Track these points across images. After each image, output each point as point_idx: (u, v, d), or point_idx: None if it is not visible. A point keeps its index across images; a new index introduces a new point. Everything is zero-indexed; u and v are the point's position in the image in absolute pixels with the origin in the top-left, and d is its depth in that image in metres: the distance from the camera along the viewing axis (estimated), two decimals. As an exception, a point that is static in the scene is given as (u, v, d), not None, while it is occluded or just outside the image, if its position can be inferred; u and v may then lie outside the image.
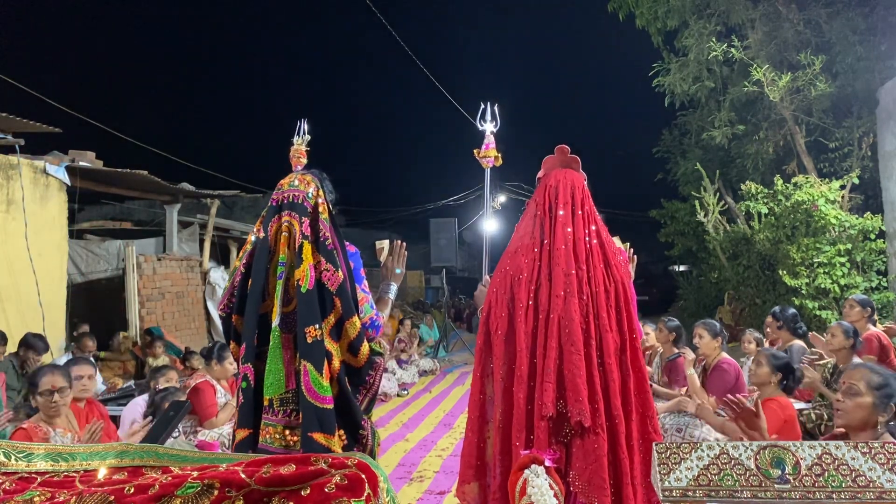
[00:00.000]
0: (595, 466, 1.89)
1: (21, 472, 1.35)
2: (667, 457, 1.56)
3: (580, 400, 1.91)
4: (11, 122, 6.09)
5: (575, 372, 1.93)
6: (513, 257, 2.20)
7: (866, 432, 2.29)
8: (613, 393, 1.97)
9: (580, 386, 1.92)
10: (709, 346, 4.14)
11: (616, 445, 1.95)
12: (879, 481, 1.47)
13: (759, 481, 1.50)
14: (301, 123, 3.39)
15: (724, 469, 1.52)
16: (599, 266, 2.08)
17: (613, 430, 1.95)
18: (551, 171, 2.30)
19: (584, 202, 2.19)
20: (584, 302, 2.02)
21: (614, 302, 2.06)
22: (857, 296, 4.95)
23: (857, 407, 2.29)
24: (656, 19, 11.16)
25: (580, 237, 2.11)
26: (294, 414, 1.84)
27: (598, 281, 2.05)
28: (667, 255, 14.36)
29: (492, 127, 2.99)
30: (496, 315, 2.14)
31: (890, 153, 8.23)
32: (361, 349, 1.93)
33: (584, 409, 1.90)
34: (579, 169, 2.32)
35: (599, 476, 1.88)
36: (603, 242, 2.14)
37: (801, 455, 1.52)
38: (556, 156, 2.35)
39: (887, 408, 2.25)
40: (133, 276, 7.99)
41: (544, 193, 2.23)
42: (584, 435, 1.92)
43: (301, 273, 1.86)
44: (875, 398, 2.26)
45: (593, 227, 2.15)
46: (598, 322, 2.01)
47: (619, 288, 2.07)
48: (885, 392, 2.27)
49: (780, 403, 3.21)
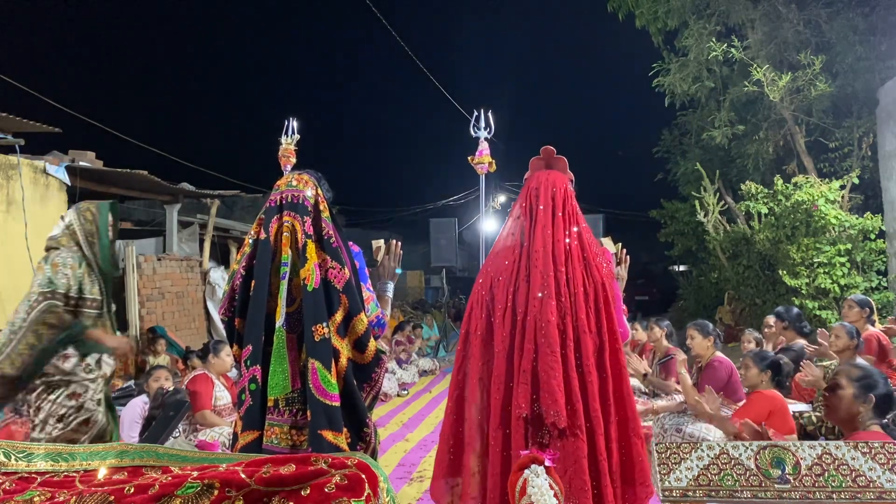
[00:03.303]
0: (575, 468, 1.89)
1: (21, 472, 1.36)
2: (667, 457, 1.56)
3: (555, 401, 1.91)
4: (11, 122, 6.09)
5: (550, 373, 1.93)
6: (495, 258, 2.22)
7: (851, 424, 2.39)
8: (591, 395, 1.96)
9: (555, 387, 1.92)
10: (701, 345, 4.19)
11: (595, 447, 1.94)
12: (879, 481, 1.47)
13: (759, 481, 1.50)
14: (289, 122, 3.38)
15: (724, 469, 1.52)
16: (579, 267, 2.08)
17: (592, 432, 1.95)
18: (535, 173, 2.31)
19: (565, 203, 2.19)
20: (563, 303, 2.02)
21: (593, 303, 2.05)
22: (855, 296, 4.95)
23: (838, 399, 2.43)
24: (656, 19, 11.16)
25: (559, 238, 2.11)
26: (300, 413, 1.84)
27: (577, 282, 2.05)
28: (667, 255, 14.34)
29: (485, 134, 3.00)
30: (476, 315, 2.16)
31: (890, 153, 8.23)
32: (369, 346, 1.93)
33: (559, 411, 1.90)
34: (565, 170, 2.32)
35: (580, 478, 1.88)
36: (584, 244, 2.14)
37: (801, 455, 1.53)
38: (540, 157, 2.36)
39: (867, 398, 2.36)
40: (133, 276, 7.99)
41: (526, 195, 2.25)
42: (564, 437, 1.92)
43: (307, 272, 1.87)
44: (855, 389, 2.39)
45: (574, 229, 2.15)
46: (577, 324, 2.01)
47: (598, 289, 2.07)
48: (864, 383, 2.40)
49: (766, 396, 3.31)
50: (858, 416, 2.36)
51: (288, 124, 3.38)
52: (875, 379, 2.44)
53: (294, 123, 3.38)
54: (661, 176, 13.75)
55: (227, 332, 2.06)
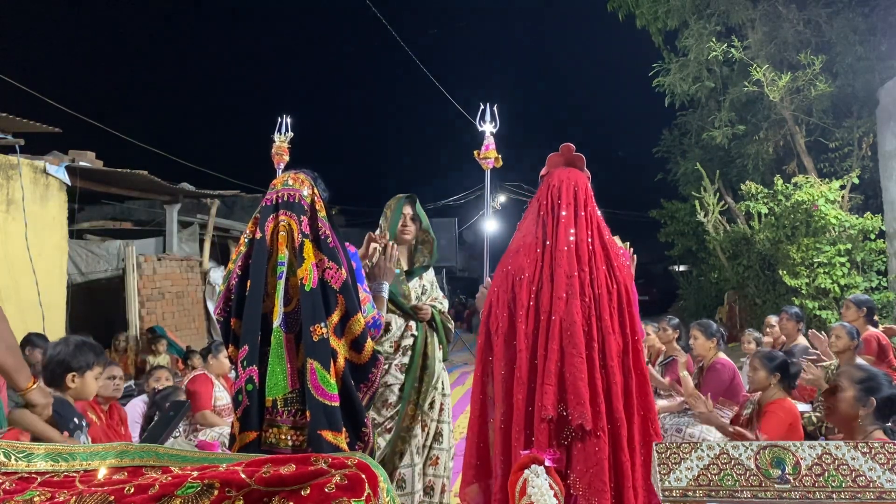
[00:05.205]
0: (596, 469, 1.88)
1: (21, 472, 1.35)
2: (667, 457, 1.56)
3: (581, 403, 1.89)
4: (11, 122, 6.09)
5: (577, 375, 1.92)
6: (514, 256, 2.18)
7: (851, 426, 2.36)
8: (616, 396, 1.95)
9: (582, 389, 1.90)
10: (704, 346, 4.12)
11: (618, 448, 1.93)
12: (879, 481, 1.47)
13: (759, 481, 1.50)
14: (282, 120, 3.36)
15: (724, 469, 1.52)
16: (602, 268, 2.06)
17: (615, 433, 1.93)
18: (555, 170, 2.27)
19: (587, 202, 2.16)
20: (587, 304, 2.00)
21: (617, 304, 2.04)
22: (854, 296, 4.95)
23: (839, 401, 2.40)
24: (656, 19, 11.17)
25: (583, 239, 2.09)
26: (299, 414, 1.84)
27: (601, 283, 2.03)
28: (667, 255, 14.36)
29: (491, 128, 2.98)
30: (497, 315, 2.13)
31: (890, 153, 8.23)
32: (366, 346, 1.93)
33: (585, 413, 1.88)
34: (583, 167, 2.29)
35: (600, 479, 1.87)
36: (605, 244, 2.12)
37: (801, 455, 1.53)
38: (560, 153, 2.32)
39: (868, 401, 2.33)
40: (133, 276, 7.99)
41: (547, 193, 2.20)
42: (585, 438, 1.90)
43: (304, 272, 1.86)
44: (856, 391, 2.36)
45: (596, 229, 2.13)
46: (601, 324, 1.99)
47: (621, 290, 2.05)
48: (865, 386, 2.36)
49: (785, 408, 3.17)
50: (858, 419, 2.33)
51: (281, 122, 3.36)
52: (878, 382, 2.38)
53: (287, 121, 3.36)
54: (661, 176, 13.75)
55: (222, 332, 2.05)
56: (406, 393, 2.95)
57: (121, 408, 3.77)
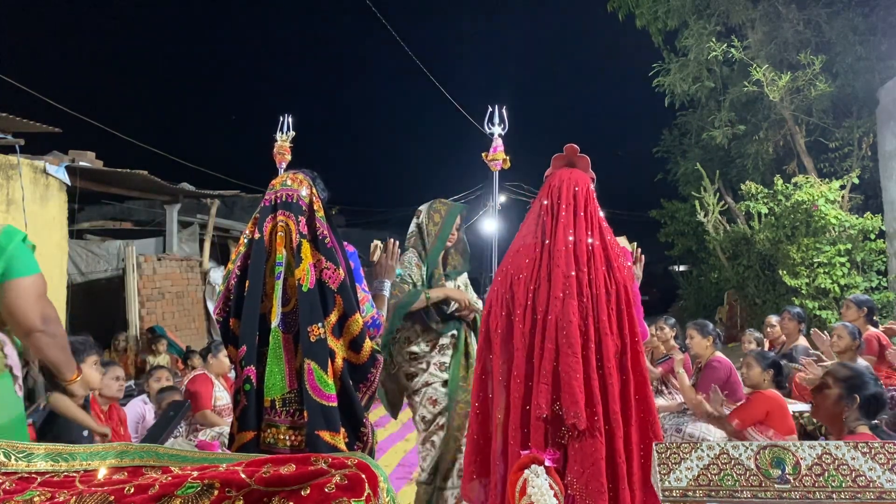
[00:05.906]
0: (593, 470, 1.88)
1: (21, 472, 1.35)
2: (667, 457, 1.56)
3: (575, 402, 1.89)
4: (11, 122, 6.09)
5: (571, 374, 1.92)
6: (514, 257, 2.19)
7: (837, 423, 2.40)
8: (612, 397, 1.95)
9: (576, 388, 1.91)
10: (700, 345, 4.17)
11: (613, 450, 1.93)
12: (879, 481, 1.47)
13: (759, 481, 1.50)
14: (284, 119, 3.36)
15: (724, 469, 1.52)
16: (601, 268, 2.06)
17: (611, 435, 1.93)
18: (557, 171, 2.28)
19: (587, 203, 2.16)
20: (584, 304, 2.00)
21: (615, 304, 2.03)
22: (854, 296, 4.95)
23: (825, 399, 2.44)
24: (656, 19, 11.16)
25: (581, 239, 2.09)
26: (297, 414, 1.84)
27: (599, 283, 2.03)
28: (667, 255, 14.35)
29: (499, 130, 2.98)
30: (495, 314, 2.14)
31: (890, 153, 8.23)
32: (364, 346, 1.93)
33: (579, 412, 1.89)
34: (587, 168, 2.29)
35: (597, 480, 1.87)
36: (606, 244, 2.12)
37: (801, 455, 1.52)
38: (563, 154, 2.32)
39: (852, 399, 2.37)
40: (133, 276, 7.99)
41: (548, 193, 2.21)
42: (582, 438, 1.91)
43: (301, 272, 1.86)
44: (841, 389, 2.40)
45: (596, 229, 2.13)
46: (598, 325, 1.99)
47: (620, 290, 2.05)
48: (850, 384, 2.40)
49: (764, 395, 3.33)
50: (843, 416, 2.36)
51: (282, 121, 3.36)
52: (863, 380, 2.42)
53: (289, 120, 3.36)
54: (661, 176, 13.75)
55: (222, 332, 2.06)
56: (452, 391, 2.97)
57: (120, 408, 3.77)
